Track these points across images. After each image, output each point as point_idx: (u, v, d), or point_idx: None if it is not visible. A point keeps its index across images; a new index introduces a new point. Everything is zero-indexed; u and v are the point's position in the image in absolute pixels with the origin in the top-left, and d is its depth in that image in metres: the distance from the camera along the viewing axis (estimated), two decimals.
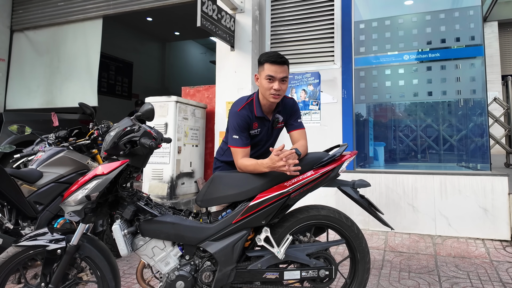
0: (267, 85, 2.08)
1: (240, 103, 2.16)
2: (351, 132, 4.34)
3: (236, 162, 2.08)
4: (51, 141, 3.14)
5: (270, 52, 2.12)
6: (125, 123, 1.85)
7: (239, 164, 2.05)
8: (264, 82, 2.09)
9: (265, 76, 2.07)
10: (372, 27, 4.52)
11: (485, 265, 3.14)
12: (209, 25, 4.04)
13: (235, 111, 2.11)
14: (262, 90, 2.13)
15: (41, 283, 1.81)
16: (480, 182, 3.67)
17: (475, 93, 4.08)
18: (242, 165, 2.03)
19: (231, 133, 2.08)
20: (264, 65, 2.09)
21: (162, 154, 4.48)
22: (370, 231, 3.93)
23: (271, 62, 2.06)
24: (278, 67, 2.07)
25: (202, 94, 5.39)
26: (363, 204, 2.07)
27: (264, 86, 2.09)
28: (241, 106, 2.13)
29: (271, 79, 2.06)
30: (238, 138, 2.06)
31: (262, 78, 2.11)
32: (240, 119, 2.09)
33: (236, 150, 2.07)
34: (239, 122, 2.08)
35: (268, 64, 2.07)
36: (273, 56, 2.07)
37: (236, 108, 2.13)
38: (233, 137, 2.07)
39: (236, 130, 2.08)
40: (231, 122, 2.11)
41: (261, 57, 2.12)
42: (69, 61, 6.12)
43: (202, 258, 1.92)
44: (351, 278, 2.12)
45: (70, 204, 1.77)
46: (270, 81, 2.07)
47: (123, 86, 10.52)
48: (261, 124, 2.21)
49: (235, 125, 2.08)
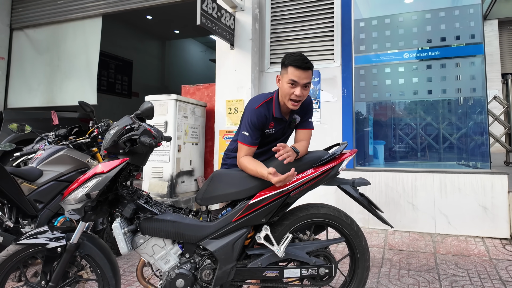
0: (289, 90, 2.00)
1: (259, 100, 2.07)
2: (351, 130, 4.34)
3: (238, 157, 2.05)
4: (51, 140, 3.14)
5: (296, 55, 2.00)
6: (125, 122, 1.85)
7: (241, 161, 2.01)
8: (285, 86, 2.01)
9: (288, 80, 1.98)
10: (372, 25, 4.51)
11: (484, 263, 3.14)
12: (209, 24, 4.03)
13: (252, 108, 2.03)
14: (282, 94, 2.05)
15: (41, 281, 1.81)
16: (480, 181, 3.68)
17: (475, 92, 4.08)
18: (243, 164, 2.00)
19: (243, 128, 2.03)
20: (288, 68, 1.99)
21: (162, 153, 4.48)
22: (370, 229, 3.94)
23: (296, 67, 1.96)
24: (303, 72, 1.98)
25: (202, 93, 5.39)
26: (363, 202, 2.07)
27: (285, 91, 2.01)
28: (260, 104, 2.04)
29: (294, 84, 1.99)
30: (248, 135, 2.01)
31: (284, 81, 2.02)
32: (257, 117, 2.02)
33: (242, 147, 2.03)
34: (254, 120, 2.02)
35: (292, 68, 1.97)
36: (298, 61, 1.97)
37: (254, 105, 2.05)
38: (243, 133, 2.02)
39: (249, 127, 2.01)
40: (246, 118, 2.03)
41: (286, 59, 2.02)
42: (69, 59, 6.12)
43: (202, 256, 1.92)
44: (351, 276, 2.13)
45: (70, 203, 1.77)
46: (292, 86, 1.99)
47: (122, 84, 10.52)
48: (277, 124, 2.14)
49: (249, 122, 2.01)
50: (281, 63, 2.07)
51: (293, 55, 2.00)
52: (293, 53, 2.03)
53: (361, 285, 2.10)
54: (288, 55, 2.03)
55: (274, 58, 4.85)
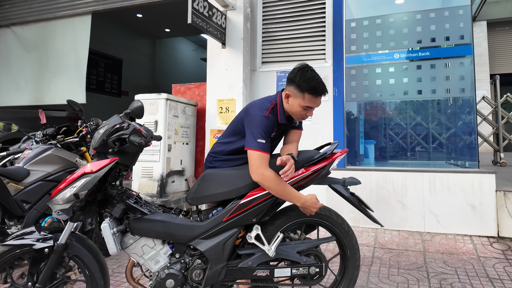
0: (301, 112, 1.99)
1: (265, 107, 1.99)
2: (342, 130, 4.36)
3: (260, 168, 1.86)
4: (39, 139, 3.09)
5: (314, 81, 1.93)
6: (114, 121, 1.83)
7: (266, 174, 1.85)
8: (298, 109, 1.98)
9: (304, 106, 1.96)
10: (363, 25, 4.54)
11: (472, 261, 3.19)
12: (200, 22, 4.01)
13: (262, 116, 1.94)
14: (291, 111, 2.01)
15: (28, 283, 1.78)
16: (469, 180, 3.72)
17: (464, 92, 4.13)
18: (273, 180, 1.85)
19: (257, 136, 1.89)
20: (305, 94, 1.93)
21: (152, 152, 4.44)
22: (360, 228, 3.96)
23: (315, 95, 1.94)
24: (319, 98, 1.98)
25: (193, 92, 5.36)
26: (353, 202, 2.08)
27: (297, 113, 2.00)
28: (268, 111, 1.97)
29: (309, 108, 1.99)
30: (265, 143, 1.90)
31: (296, 103, 1.97)
32: (270, 124, 1.95)
33: (263, 156, 1.88)
34: (269, 127, 1.95)
35: (311, 95, 1.94)
36: (317, 90, 1.93)
37: (262, 112, 1.96)
38: (260, 141, 1.88)
39: (264, 134, 1.91)
40: (259, 126, 1.92)
41: (302, 83, 1.93)
42: (58, 57, 6.02)
43: (192, 256, 1.91)
44: (341, 275, 2.14)
45: (58, 203, 1.74)
46: (306, 110, 1.99)
47: (112, 83, 10.42)
48: (279, 128, 2.11)
49: (263, 129, 1.92)
50: (292, 81, 1.98)
51: (311, 80, 1.93)
52: (308, 77, 1.93)
53: (351, 284, 2.11)
54: (304, 80, 1.93)
55: (265, 58, 4.85)
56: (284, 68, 4.70)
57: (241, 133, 2.06)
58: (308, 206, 1.93)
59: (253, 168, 1.87)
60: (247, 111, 2.01)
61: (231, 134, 2.13)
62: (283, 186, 1.89)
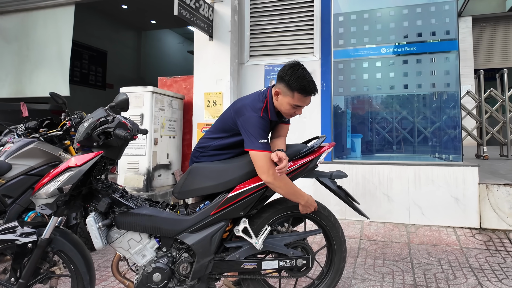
0: (290, 110, 1.98)
1: (258, 107, 1.96)
2: (329, 124, 4.38)
3: (271, 169, 1.85)
4: (21, 132, 3.01)
5: (304, 80, 1.90)
6: (99, 114, 1.80)
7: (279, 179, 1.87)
8: (287, 107, 1.97)
9: (293, 104, 1.95)
10: (351, 19, 4.54)
11: (455, 252, 3.26)
12: (186, 14, 3.95)
13: (258, 116, 1.91)
14: (280, 108, 2.00)
15: (10, 278, 1.74)
16: (452, 173, 3.80)
17: (449, 87, 4.19)
18: (286, 182, 1.90)
19: (259, 137, 1.87)
20: (294, 93, 1.92)
21: (138, 146, 4.39)
22: (346, 220, 4.01)
23: (305, 94, 1.92)
24: (309, 98, 1.97)
25: (179, 85, 5.30)
26: (340, 195, 2.10)
27: (286, 111, 1.99)
28: (262, 111, 1.95)
29: (298, 107, 1.98)
30: (266, 142, 1.89)
31: (285, 101, 1.95)
32: (266, 123, 1.94)
33: (268, 155, 1.87)
34: (266, 126, 1.94)
35: (300, 95, 1.92)
36: (307, 90, 1.91)
37: (257, 112, 1.93)
38: (263, 142, 1.87)
39: (265, 134, 1.92)
40: (257, 126, 1.90)
41: (292, 82, 1.90)
42: (39, 49, 5.87)
43: (179, 250, 1.90)
44: (328, 267, 2.17)
45: (41, 197, 1.71)
46: (295, 108, 1.98)
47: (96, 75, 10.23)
48: (270, 125, 2.09)
49: (262, 129, 1.91)
50: (282, 78, 1.95)
51: (301, 79, 1.90)
52: (299, 76, 1.91)
53: (337, 275, 2.14)
54: (294, 76, 1.91)
55: (253, 51, 4.82)
56: (272, 62, 4.69)
57: (231, 131, 2.03)
58: (309, 205, 1.97)
59: (264, 169, 1.85)
60: (240, 111, 1.96)
61: (220, 131, 2.09)
62: (292, 184, 1.93)
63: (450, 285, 2.60)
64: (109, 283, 2.68)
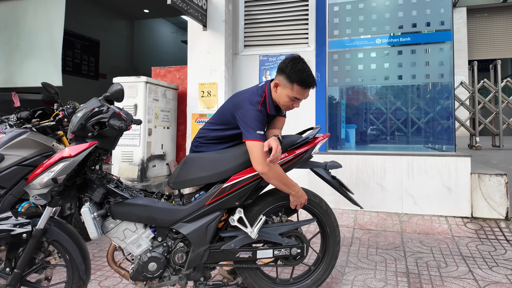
0: (289, 103, 2.01)
1: (256, 100, 1.98)
2: (324, 114, 4.39)
3: (262, 159, 1.86)
4: (13, 123, 2.97)
5: (304, 73, 1.94)
6: (92, 104, 1.78)
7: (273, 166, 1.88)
8: (286, 99, 2.00)
9: (292, 96, 1.98)
10: (346, 10, 4.52)
11: (447, 241, 3.32)
12: (180, 3, 3.90)
13: (256, 109, 1.94)
14: (279, 101, 2.03)
15: (5, 268, 1.74)
16: (445, 163, 3.84)
17: (443, 77, 4.21)
18: (280, 172, 1.93)
19: (256, 128, 1.90)
20: (294, 85, 1.95)
21: (132, 136, 4.37)
22: (340, 210, 4.05)
23: (304, 87, 1.96)
24: (308, 91, 2.00)
25: (173, 75, 5.26)
26: (334, 185, 2.13)
27: (285, 103, 2.02)
28: (260, 104, 1.98)
29: (296, 99, 2.01)
30: (263, 134, 1.92)
31: (284, 93, 1.98)
32: (264, 116, 1.98)
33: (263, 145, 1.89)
34: (263, 119, 1.97)
35: (299, 87, 1.95)
36: (306, 82, 1.94)
37: (255, 106, 1.95)
38: (260, 133, 1.89)
39: (262, 126, 1.95)
40: (255, 119, 1.92)
41: (292, 75, 1.93)
42: (30, 38, 5.75)
43: (175, 240, 1.91)
44: (323, 252, 2.20)
45: (35, 187, 1.70)
46: (293, 101, 2.01)
47: (89, 65, 10.11)
48: (268, 118, 2.12)
49: (260, 121, 1.93)
50: (283, 71, 1.97)
51: (301, 72, 1.93)
52: (299, 68, 1.94)
53: (333, 260, 2.17)
54: (294, 68, 1.93)
55: (248, 41, 4.78)
56: (266, 52, 4.66)
57: (229, 124, 2.06)
58: (299, 196, 2.00)
59: (260, 160, 1.86)
60: (238, 105, 1.99)
61: (219, 123, 2.12)
62: (284, 175, 1.95)
63: (441, 272, 2.65)
64: (104, 273, 2.69)
